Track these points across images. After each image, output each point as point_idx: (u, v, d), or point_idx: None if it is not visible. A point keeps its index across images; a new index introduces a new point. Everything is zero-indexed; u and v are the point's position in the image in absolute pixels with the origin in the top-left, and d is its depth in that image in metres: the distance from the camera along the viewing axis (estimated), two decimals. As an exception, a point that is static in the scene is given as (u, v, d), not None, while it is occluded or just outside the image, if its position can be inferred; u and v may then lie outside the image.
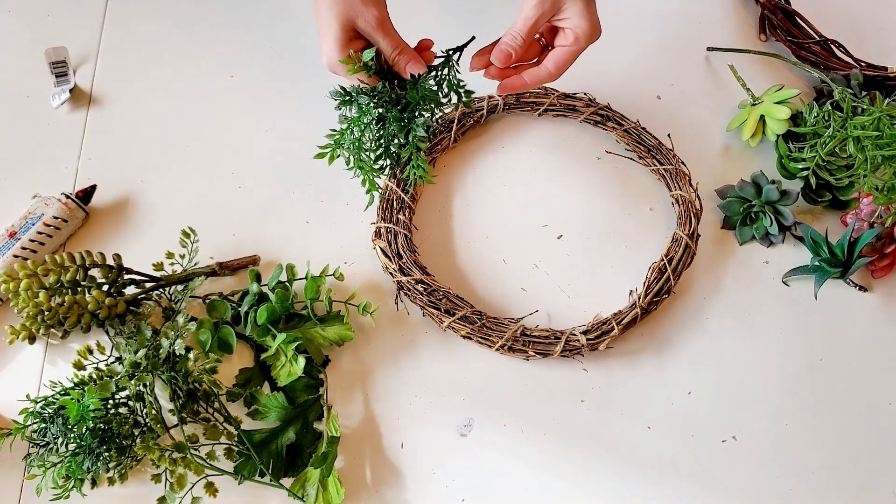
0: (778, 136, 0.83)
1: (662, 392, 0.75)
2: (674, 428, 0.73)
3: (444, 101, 0.69)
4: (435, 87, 0.68)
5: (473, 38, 0.69)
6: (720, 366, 0.76)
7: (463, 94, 0.69)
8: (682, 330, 0.77)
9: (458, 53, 0.69)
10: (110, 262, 0.72)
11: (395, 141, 0.68)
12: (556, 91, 0.85)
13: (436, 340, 0.76)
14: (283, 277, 0.74)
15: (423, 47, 0.68)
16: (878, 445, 0.73)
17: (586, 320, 0.76)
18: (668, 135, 0.85)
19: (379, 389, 0.74)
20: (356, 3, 0.65)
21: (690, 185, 0.80)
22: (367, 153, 0.68)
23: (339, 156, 0.68)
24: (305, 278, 0.74)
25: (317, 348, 0.72)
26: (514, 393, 0.74)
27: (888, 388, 0.76)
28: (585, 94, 0.86)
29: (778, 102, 0.82)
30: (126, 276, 0.73)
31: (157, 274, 0.74)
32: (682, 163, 0.81)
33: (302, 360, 0.69)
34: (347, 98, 0.67)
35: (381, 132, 0.68)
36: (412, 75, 0.66)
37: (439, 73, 0.68)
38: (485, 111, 0.85)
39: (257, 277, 0.74)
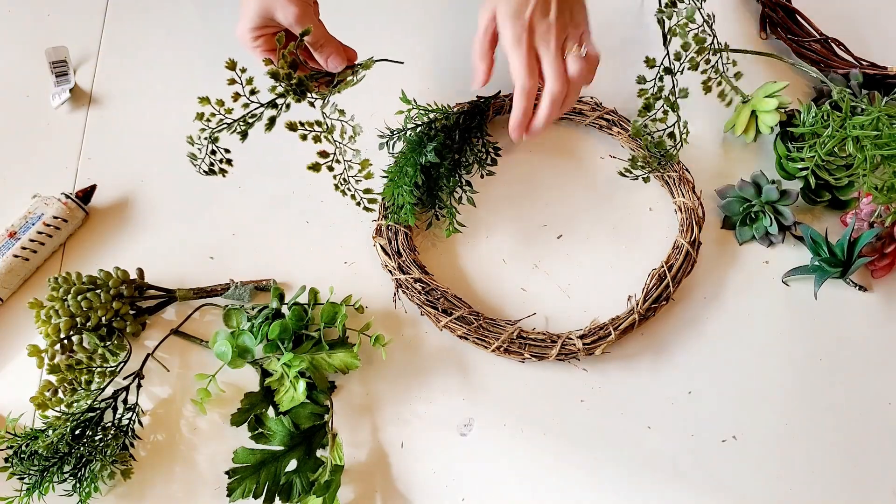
0: (777, 136, 0.83)
1: (662, 392, 0.75)
2: (674, 428, 0.73)
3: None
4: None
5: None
6: (720, 366, 0.76)
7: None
8: (681, 330, 0.77)
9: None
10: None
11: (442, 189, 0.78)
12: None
13: (436, 339, 0.76)
14: (304, 300, 0.74)
15: (348, 56, 0.71)
16: (878, 445, 0.73)
17: (585, 320, 0.76)
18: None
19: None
20: None
21: (694, 192, 0.80)
22: (411, 190, 0.75)
23: (394, 193, 0.76)
24: (325, 304, 0.73)
25: (321, 375, 0.71)
26: (515, 393, 0.74)
27: (888, 387, 0.76)
28: (592, 98, 0.85)
29: (767, 96, 0.82)
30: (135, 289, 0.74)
31: (172, 288, 0.74)
32: (686, 170, 0.81)
33: (303, 384, 0.68)
34: (390, 137, 0.77)
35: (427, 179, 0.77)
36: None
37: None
38: (491, 112, 0.84)
39: (280, 297, 0.74)
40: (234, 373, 0.72)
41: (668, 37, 0.71)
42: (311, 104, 0.65)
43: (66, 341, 0.69)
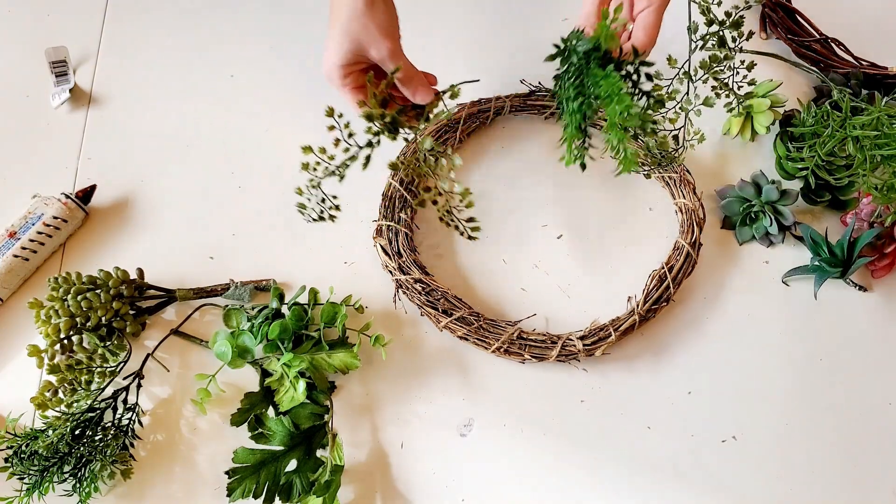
0: (777, 136, 0.83)
1: (662, 392, 0.75)
2: (674, 428, 0.73)
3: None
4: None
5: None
6: (720, 366, 0.76)
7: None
8: (681, 330, 0.77)
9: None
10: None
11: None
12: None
13: (436, 340, 0.76)
14: (304, 300, 0.74)
15: (430, 82, 0.70)
16: (878, 445, 0.73)
17: (585, 320, 0.76)
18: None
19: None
20: (372, 33, 0.66)
21: (694, 193, 0.80)
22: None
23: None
24: (325, 304, 0.73)
25: (321, 375, 0.71)
26: (515, 393, 0.74)
27: (888, 388, 0.76)
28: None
29: (761, 96, 0.82)
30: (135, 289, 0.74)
31: (172, 288, 0.74)
32: (687, 171, 0.81)
33: (303, 384, 0.68)
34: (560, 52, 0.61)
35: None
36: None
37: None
38: (491, 113, 0.84)
39: (280, 296, 0.74)
40: (234, 373, 0.72)
41: (696, 45, 0.70)
42: (406, 139, 0.66)
43: (66, 341, 0.69)
